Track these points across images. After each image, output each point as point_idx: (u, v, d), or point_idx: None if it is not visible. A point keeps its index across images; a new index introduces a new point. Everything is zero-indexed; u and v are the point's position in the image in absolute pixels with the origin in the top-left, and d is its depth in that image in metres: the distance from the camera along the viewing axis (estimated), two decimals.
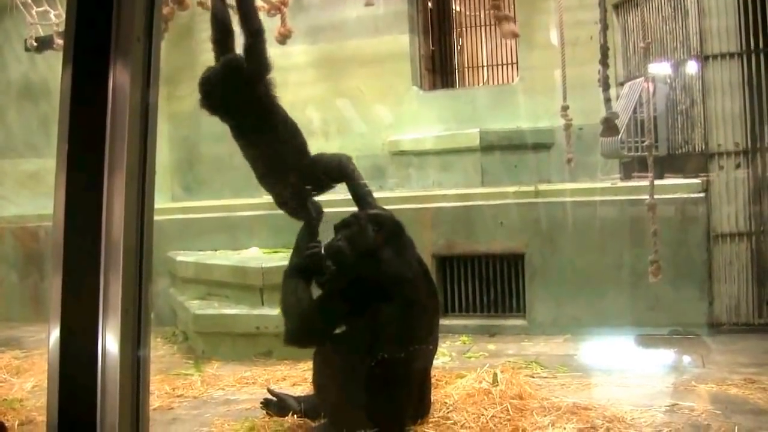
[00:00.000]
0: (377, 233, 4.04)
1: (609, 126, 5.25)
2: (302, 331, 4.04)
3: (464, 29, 11.61)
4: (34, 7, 7.42)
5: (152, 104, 1.65)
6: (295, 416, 4.30)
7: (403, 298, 3.92)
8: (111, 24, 1.58)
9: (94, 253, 1.54)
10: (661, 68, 7.03)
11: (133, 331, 1.57)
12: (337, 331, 4.04)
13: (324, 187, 4.51)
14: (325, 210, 4.42)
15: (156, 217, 1.63)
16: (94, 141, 1.57)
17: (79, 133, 1.58)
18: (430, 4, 10.34)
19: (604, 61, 4.92)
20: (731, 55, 6.20)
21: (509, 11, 5.17)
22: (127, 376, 1.54)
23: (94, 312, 1.53)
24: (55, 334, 1.54)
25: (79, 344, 1.54)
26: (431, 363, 4.28)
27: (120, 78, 1.59)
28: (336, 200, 4.76)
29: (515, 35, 5.35)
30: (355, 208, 4.29)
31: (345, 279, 3.99)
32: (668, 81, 6.97)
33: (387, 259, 4.00)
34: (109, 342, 1.54)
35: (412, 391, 4.04)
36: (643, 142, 6.05)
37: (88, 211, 1.56)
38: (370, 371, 3.83)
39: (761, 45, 6.12)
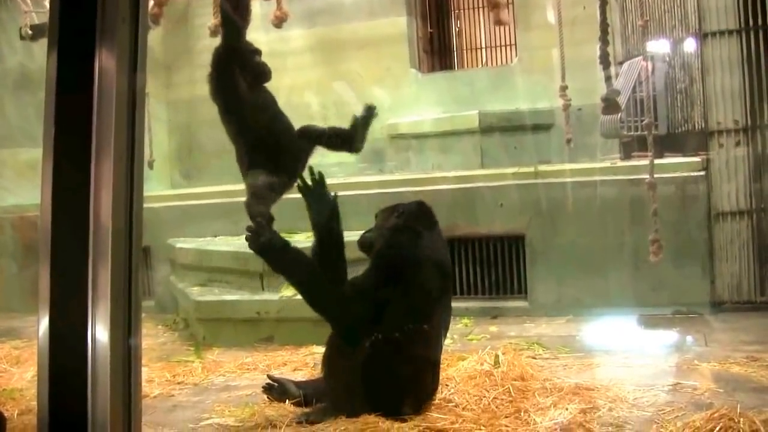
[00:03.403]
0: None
1: (610, 104, 5.21)
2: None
3: (462, 11, 11.56)
4: None
5: (140, 88, 1.62)
6: (295, 401, 4.29)
7: (409, 278, 3.94)
8: (96, 4, 1.55)
9: (82, 241, 1.52)
10: (659, 46, 6.99)
11: (124, 319, 1.55)
12: None
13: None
14: None
15: (155, 204, 1.61)
16: (80, 125, 1.54)
17: (65, 118, 1.55)
18: None
19: (603, 38, 4.88)
20: (730, 33, 6.15)
21: None
22: (117, 364, 1.53)
23: (84, 301, 1.51)
24: (45, 323, 1.52)
25: (69, 333, 1.53)
26: (440, 347, 4.24)
27: (106, 61, 1.56)
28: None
29: (505, 23, 5.31)
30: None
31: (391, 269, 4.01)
32: (667, 59, 6.93)
33: (398, 241, 4.02)
34: (99, 331, 1.52)
35: (419, 375, 4.01)
36: (642, 121, 6.02)
37: (76, 198, 1.53)
38: (367, 352, 3.83)
39: (760, 22, 6.07)
